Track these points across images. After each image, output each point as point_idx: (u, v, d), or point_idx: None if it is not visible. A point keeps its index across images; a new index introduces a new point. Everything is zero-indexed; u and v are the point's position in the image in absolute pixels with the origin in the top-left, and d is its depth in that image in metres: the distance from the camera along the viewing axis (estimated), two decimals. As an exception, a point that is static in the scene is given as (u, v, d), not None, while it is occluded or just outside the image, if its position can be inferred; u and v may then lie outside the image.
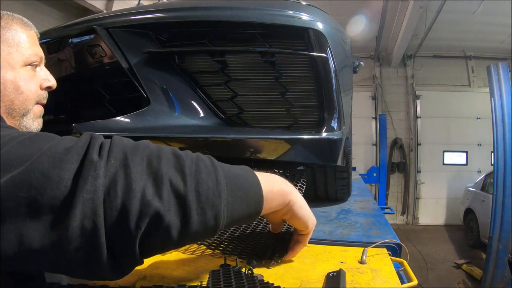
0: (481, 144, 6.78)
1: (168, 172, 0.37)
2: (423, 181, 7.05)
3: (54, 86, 0.65)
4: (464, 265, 4.42)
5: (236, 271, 0.54)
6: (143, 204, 0.34)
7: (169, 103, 0.83)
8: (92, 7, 4.06)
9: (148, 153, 0.38)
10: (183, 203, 0.36)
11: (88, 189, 0.33)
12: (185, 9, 0.83)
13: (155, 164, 0.37)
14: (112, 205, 0.33)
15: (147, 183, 0.35)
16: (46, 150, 0.34)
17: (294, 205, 0.52)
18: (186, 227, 0.37)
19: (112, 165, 0.35)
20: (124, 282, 0.63)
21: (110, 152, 0.36)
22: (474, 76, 6.87)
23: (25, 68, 0.59)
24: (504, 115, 3.40)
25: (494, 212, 3.36)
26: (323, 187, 1.36)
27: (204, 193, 0.38)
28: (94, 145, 0.36)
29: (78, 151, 0.35)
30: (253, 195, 0.44)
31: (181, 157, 0.39)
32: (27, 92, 0.59)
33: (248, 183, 0.44)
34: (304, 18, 0.80)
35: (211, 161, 0.42)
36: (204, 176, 0.39)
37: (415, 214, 7.02)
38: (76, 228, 0.32)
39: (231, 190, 0.41)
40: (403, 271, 0.70)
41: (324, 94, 0.84)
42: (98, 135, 0.38)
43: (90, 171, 0.33)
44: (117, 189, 0.34)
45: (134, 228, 0.34)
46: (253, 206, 0.44)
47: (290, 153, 0.83)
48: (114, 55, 0.79)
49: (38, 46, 0.64)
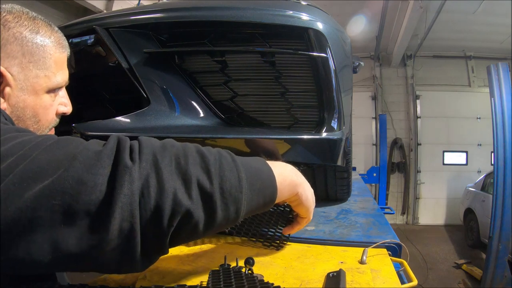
0: (481, 144, 6.78)
1: (195, 172, 0.39)
2: (423, 181, 7.04)
3: (69, 112, 0.61)
4: (464, 265, 4.42)
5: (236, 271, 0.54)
6: (175, 204, 0.36)
7: (169, 103, 0.83)
8: (92, 7, 4.06)
9: (175, 153, 0.39)
10: (209, 200, 0.39)
11: (125, 193, 0.34)
12: (185, 9, 0.83)
13: (183, 164, 0.39)
14: (147, 206, 0.35)
15: (177, 184, 0.37)
16: (77, 155, 0.35)
17: (302, 196, 0.57)
18: (211, 221, 0.40)
19: (144, 167, 0.36)
20: (124, 282, 0.63)
21: (141, 155, 0.37)
22: (474, 76, 6.87)
23: (48, 95, 0.54)
24: (504, 115, 3.40)
25: (494, 212, 3.36)
26: (323, 187, 1.36)
27: (227, 190, 0.41)
28: (125, 148, 0.37)
29: (109, 155, 0.36)
30: (268, 187, 0.48)
31: (205, 155, 0.41)
32: (43, 120, 0.55)
33: (264, 177, 0.47)
34: (304, 18, 0.80)
35: (232, 157, 0.44)
36: (227, 173, 0.41)
37: (415, 214, 7.01)
38: (115, 231, 0.34)
39: (251, 185, 0.44)
40: (403, 271, 0.70)
41: (324, 94, 0.84)
42: (124, 137, 0.39)
43: (126, 176, 0.34)
44: (151, 190, 0.35)
45: (166, 226, 0.36)
46: (268, 198, 0.48)
47: (290, 153, 0.83)
48: (114, 55, 0.79)
49: (66, 69, 0.58)
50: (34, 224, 0.31)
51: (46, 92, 0.53)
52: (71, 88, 0.62)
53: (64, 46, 0.56)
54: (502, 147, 3.37)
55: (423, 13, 5.23)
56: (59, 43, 0.55)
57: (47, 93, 0.54)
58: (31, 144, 0.35)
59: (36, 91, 0.52)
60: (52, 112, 0.56)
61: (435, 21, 5.50)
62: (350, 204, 1.39)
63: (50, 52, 0.53)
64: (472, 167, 6.84)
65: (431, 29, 5.78)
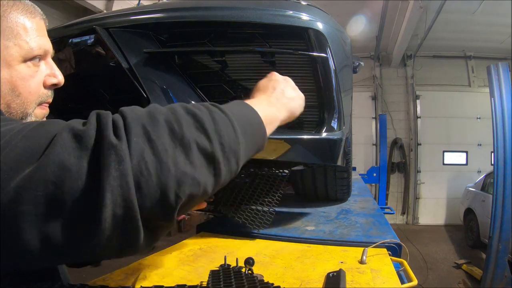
0: (481, 144, 6.77)
1: (192, 135, 0.36)
2: (423, 181, 7.04)
3: (61, 83, 0.57)
4: (464, 265, 4.41)
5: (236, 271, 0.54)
6: (178, 175, 0.34)
7: (169, 103, 0.83)
8: (92, 7, 4.06)
9: (166, 120, 0.36)
10: (212, 160, 0.37)
11: (113, 175, 0.30)
12: (185, 9, 0.82)
13: (177, 129, 0.36)
14: (149, 184, 0.32)
15: (176, 153, 0.34)
16: (57, 138, 0.32)
17: (283, 121, 0.57)
18: (217, 179, 0.38)
19: (136, 143, 0.33)
20: (124, 282, 0.63)
21: (128, 129, 0.34)
22: (474, 76, 6.87)
23: (25, 65, 0.51)
24: (504, 115, 3.40)
25: (494, 212, 3.36)
26: (323, 187, 1.36)
27: (227, 144, 0.39)
28: (107, 125, 0.33)
29: (90, 135, 0.32)
30: (258, 133, 0.48)
31: (197, 115, 0.39)
32: (25, 93, 0.51)
33: (254, 123, 0.47)
34: (304, 18, 0.80)
35: (221, 109, 0.42)
36: (222, 128, 0.40)
37: (415, 214, 7.01)
38: (108, 219, 0.30)
39: (244, 134, 0.43)
40: (403, 271, 0.70)
41: (324, 94, 0.84)
42: (105, 112, 0.35)
43: (111, 156, 0.31)
44: (149, 167, 0.32)
45: (174, 200, 0.34)
46: (260, 142, 0.49)
47: (290, 153, 0.83)
48: (114, 55, 0.79)
49: (44, 37, 0.54)
50: (19, 219, 0.29)
51: (22, 62, 0.50)
52: (72, 88, 0.61)
53: (33, 12, 0.53)
54: (502, 147, 3.37)
55: (423, 13, 5.22)
56: (25, 10, 0.51)
57: (23, 62, 0.50)
58: (12, 133, 0.32)
59: (8, 63, 0.49)
60: (35, 84, 0.53)
61: (435, 21, 5.50)
62: (350, 204, 1.39)
63: (16, 20, 0.49)
64: (472, 167, 6.84)
65: (431, 29, 5.78)
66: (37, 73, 0.53)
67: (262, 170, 1.04)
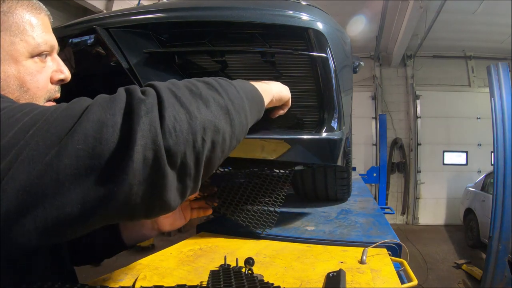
0: (481, 144, 6.78)
1: (207, 92, 0.44)
2: (423, 181, 7.04)
3: (68, 78, 0.58)
4: (464, 265, 4.42)
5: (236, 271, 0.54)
6: (203, 121, 0.40)
7: (169, 103, 0.83)
8: (92, 7, 4.07)
9: (185, 84, 0.43)
10: (226, 111, 0.45)
11: (143, 121, 0.35)
12: (185, 9, 0.82)
13: (195, 90, 0.43)
14: (182, 129, 0.37)
15: (199, 104, 0.41)
16: (94, 102, 0.36)
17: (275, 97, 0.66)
18: (233, 129, 0.45)
19: (167, 98, 0.38)
20: (124, 282, 0.63)
21: (157, 89, 0.39)
22: (474, 76, 6.87)
23: (32, 60, 0.51)
24: (504, 115, 3.40)
25: (494, 212, 3.36)
26: (323, 187, 1.36)
27: (235, 100, 0.47)
28: (135, 89, 0.39)
29: (122, 95, 0.37)
30: (257, 95, 0.56)
31: (206, 81, 0.47)
32: (34, 89, 0.52)
33: (251, 88, 0.55)
34: (304, 18, 0.80)
35: (222, 78, 0.50)
36: (229, 89, 0.48)
37: (415, 214, 7.01)
38: (139, 160, 0.34)
39: (246, 95, 0.51)
40: (403, 271, 0.70)
41: (324, 94, 0.84)
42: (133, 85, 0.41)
43: (141, 107, 0.36)
44: (181, 115, 0.38)
45: (201, 144, 0.39)
46: (260, 110, 0.57)
47: (290, 153, 0.83)
48: (114, 55, 0.79)
49: (50, 33, 0.55)
50: (62, 174, 0.32)
51: (29, 57, 0.51)
52: (72, 88, 0.61)
53: (38, 8, 0.53)
54: (502, 147, 3.37)
55: (423, 13, 5.22)
56: (30, 6, 0.52)
57: (30, 58, 0.51)
58: (52, 109, 0.36)
59: (15, 59, 0.49)
60: (43, 79, 0.53)
61: (435, 21, 5.50)
62: (350, 204, 1.39)
63: (22, 16, 0.50)
64: (472, 167, 6.84)
65: (431, 29, 5.78)
66: (44, 69, 0.54)
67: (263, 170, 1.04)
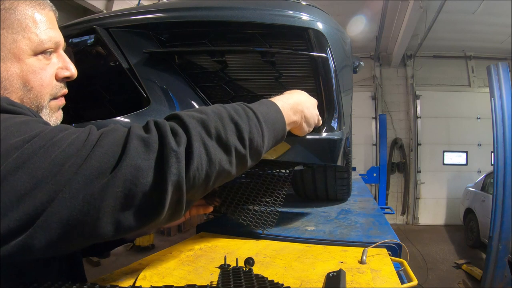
0: (481, 144, 6.77)
1: (233, 141, 0.48)
2: (423, 181, 7.04)
3: (74, 75, 0.56)
4: (464, 265, 4.42)
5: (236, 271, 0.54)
6: (219, 170, 0.47)
7: (169, 103, 0.83)
8: (92, 7, 4.06)
9: (215, 127, 0.47)
10: (243, 161, 0.51)
11: (173, 172, 0.40)
12: (185, 9, 0.82)
13: (223, 136, 0.48)
14: (200, 177, 0.44)
15: (221, 155, 0.47)
16: (130, 146, 0.40)
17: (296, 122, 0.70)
18: (242, 170, 0.53)
19: (196, 148, 0.43)
20: (124, 282, 0.63)
21: (189, 134, 0.44)
22: (474, 76, 6.87)
23: (36, 58, 0.49)
24: (504, 115, 3.40)
25: (494, 212, 3.36)
26: (323, 187, 1.36)
27: (255, 149, 0.52)
28: (167, 133, 0.42)
29: (155, 140, 0.41)
30: (280, 136, 0.61)
31: (238, 124, 0.50)
32: (38, 87, 0.50)
33: (279, 128, 0.60)
34: (304, 18, 0.80)
35: (257, 117, 0.53)
36: (255, 136, 0.52)
37: (415, 214, 7.01)
38: (168, 203, 0.41)
39: (269, 139, 0.56)
40: (403, 271, 0.70)
41: (324, 94, 0.84)
42: (162, 121, 0.45)
43: (172, 158, 0.41)
44: (203, 164, 0.44)
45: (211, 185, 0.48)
46: (279, 140, 0.62)
47: (290, 153, 0.83)
48: (114, 55, 0.79)
49: (55, 29, 0.53)
50: (101, 212, 0.37)
51: (32, 55, 0.49)
52: (71, 88, 0.61)
53: (42, 4, 0.52)
54: (502, 147, 3.37)
55: (423, 13, 5.22)
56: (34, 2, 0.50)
57: (33, 56, 0.49)
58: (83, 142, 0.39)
59: (18, 57, 0.47)
60: (47, 77, 0.51)
61: (435, 21, 5.50)
62: (350, 204, 1.39)
63: (24, 12, 0.48)
64: (472, 167, 6.84)
65: (431, 29, 5.78)
66: (49, 66, 0.52)
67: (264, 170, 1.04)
